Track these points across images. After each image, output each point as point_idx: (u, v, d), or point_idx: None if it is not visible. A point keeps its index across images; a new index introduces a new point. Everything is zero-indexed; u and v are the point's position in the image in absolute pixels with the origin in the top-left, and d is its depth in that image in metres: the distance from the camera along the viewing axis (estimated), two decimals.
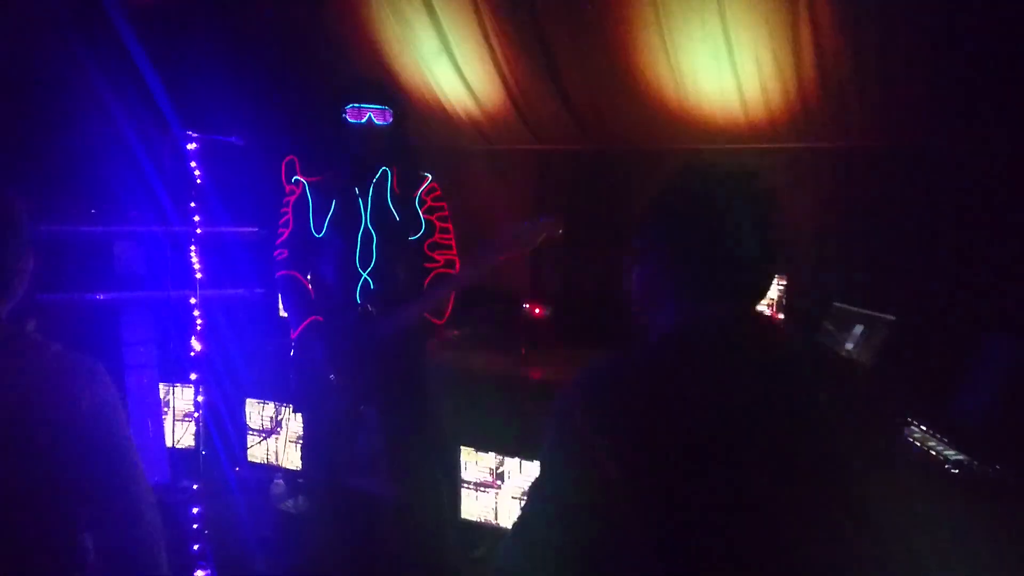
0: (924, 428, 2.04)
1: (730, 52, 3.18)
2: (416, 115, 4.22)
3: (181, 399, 3.99)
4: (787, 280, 3.03)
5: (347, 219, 2.89)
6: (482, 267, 2.89)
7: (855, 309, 2.68)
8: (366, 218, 2.89)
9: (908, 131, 3.09)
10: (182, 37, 3.28)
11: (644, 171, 3.83)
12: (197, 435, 3.22)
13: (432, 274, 3.04)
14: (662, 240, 1.12)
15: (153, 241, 3.68)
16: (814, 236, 3.22)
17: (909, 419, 2.11)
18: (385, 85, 2.88)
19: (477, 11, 3.59)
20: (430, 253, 3.01)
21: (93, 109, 3.03)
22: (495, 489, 3.18)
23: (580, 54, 3.58)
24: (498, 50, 3.71)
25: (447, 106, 4.14)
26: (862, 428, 1.08)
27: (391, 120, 2.83)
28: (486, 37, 3.68)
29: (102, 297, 3.65)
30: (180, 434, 3.97)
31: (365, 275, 2.92)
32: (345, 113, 2.79)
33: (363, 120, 2.78)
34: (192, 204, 2.95)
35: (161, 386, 4.05)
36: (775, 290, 3.00)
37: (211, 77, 3.22)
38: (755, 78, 3.22)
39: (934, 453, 1.84)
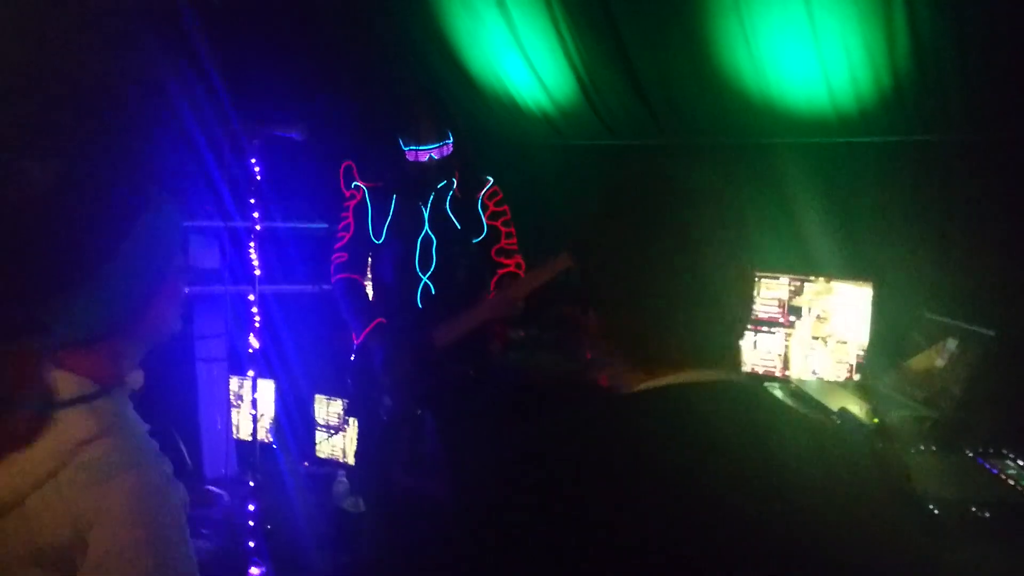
0: (1021, 463, 1.78)
1: (815, 38, 2.93)
2: (485, 110, 4.14)
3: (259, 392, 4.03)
4: (873, 287, 2.75)
5: (407, 224, 2.86)
6: (540, 281, 2.81)
7: (949, 321, 2.41)
8: (427, 223, 2.85)
9: (1016, 123, 2.76)
10: (241, 29, 3.29)
11: (723, 166, 3.62)
12: (254, 431, 3.23)
13: (499, 275, 2.97)
14: None
15: (225, 235, 3.73)
16: (906, 239, 2.93)
17: (1003, 451, 1.86)
18: (443, 112, 2.81)
19: (548, 1, 3.46)
20: (497, 259, 2.96)
21: (159, 103, 3.07)
22: None
23: (654, 44, 3.39)
24: (569, 41, 3.57)
25: (518, 100, 4.03)
26: None
27: (452, 150, 2.78)
28: (557, 28, 3.54)
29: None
30: (250, 427, 4.02)
31: (425, 279, 2.88)
32: (404, 153, 2.76)
33: (424, 160, 2.75)
34: (252, 200, 2.95)
35: (234, 379, 4.12)
36: (860, 298, 2.74)
37: (272, 71, 3.22)
38: (844, 66, 2.96)
39: None
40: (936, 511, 1.51)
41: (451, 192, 2.86)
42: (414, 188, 2.86)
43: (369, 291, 3.12)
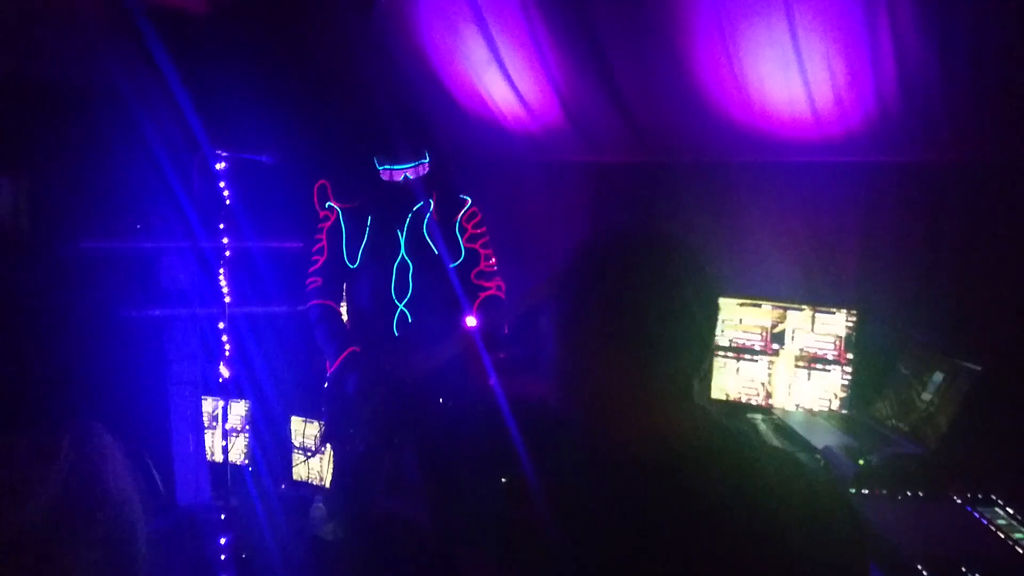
0: (1010, 511, 1.73)
1: (799, 59, 2.88)
2: (466, 126, 4.07)
3: (231, 415, 3.94)
4: (858, 316, 2.70)
5: (383, 249, 2.79)
6: (525, 304, 2.74)
7: (935, 353, 2.36)
8: (403, 247, 2.77)
9: (1004, 144, 2.72)
10: (211, 52, 3.21)
11: (706, 184, 3.57)
12: (226, 454, 3.15)
13: (481, 297, 2.90)
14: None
15: (198, 257, 3.64)
16: (891, 263, 2.88)
17: (992, 496, 1.81)
18: (419, 131, 2.75)
19: (528, 19, 3.39)
20: (478, 282, 2.89)
21: (126, 125, 2.99)
22: None
23: (636, 62, 3.33)
24: (550, 58, 3.50)
25: (499, 117, 3.96)
26: None
27: (428, 170, 2.72)
28: (537, 45, 3.47)
29: (154, 313, 3.64)
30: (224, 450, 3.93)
31: (402, 307, 2.80)
32: (379, 172, 2.70)
33: (399, 180, 2.69)
34: (221, 225, 2.86)
35: (211, 400, 4.02)
36: (844, 327, 2.68)
37: (243, 92, 3.14)
38: (828, 87, 2.91)
39: (1021, 550, 1.53)
40: (925, 572, 1.45)
41: (428, 215, 2.79)
42: (390, 210, 2.79)
43: (344, 316, 3.04)
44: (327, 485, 3.89)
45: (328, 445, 3.77)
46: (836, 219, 3.14)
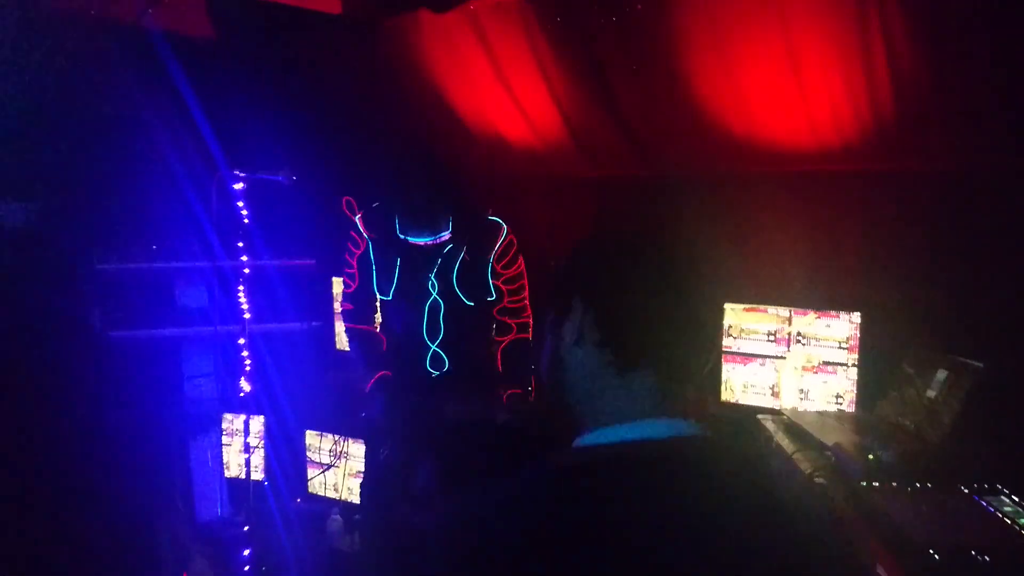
0: (1015, 499, 1.81)
1: (796, 73, 2.98)
2: (473, 146, 4.17)
3: (251, 430, 4.00)
4: (862, 318, 2.79)
5: (414, 289, 2.77)
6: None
7: (938, 352, 2.44)
8: (434, 289, 2.76)
9: (997, 152, 2.82)
10: (224, 77, 3.30)
11: (706, 196, 3.66)
12: (247, 472, 3.21)
13: (504, 344, 2.91)
14: None
15: (213, 277, 3.72)
16: (891, 267, 2.98)
17: (998, 486, 1.89)
18: (441, 205, 2.72)
19: (531, 39, 3.49)
20: (500, 318, 2.89)
21: (146, 147, 3.07)
22: None
23: (636, 79, 3.43)
24: (553, 77, 3.61)
25: (503, 134, 4.06)
26: None
27: (450, 236, 2.71)
28: (540, 65, 3.58)
29: (172, 331, 3.72)
30: (242, 466, 3.99)
31: (434, 347, 2.80)
32: (405, 237, 2.71)
33: (421, 245, 2.70)
34: (240, 244, 2.94)
35: (226, 416, 4.08)
36: (848, 329, 2.77)
37: (259, 114, 3.23)
38: (824, 100, 3.01)
39: None
40: (937, 556, 1.53)
41: (460, 256, 2.77)
42: (420, 252, 2.76)
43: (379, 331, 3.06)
44: (343, 498, 3.94)
45: (344, 456, 3.83)
46: (836, 226, 3.24)
